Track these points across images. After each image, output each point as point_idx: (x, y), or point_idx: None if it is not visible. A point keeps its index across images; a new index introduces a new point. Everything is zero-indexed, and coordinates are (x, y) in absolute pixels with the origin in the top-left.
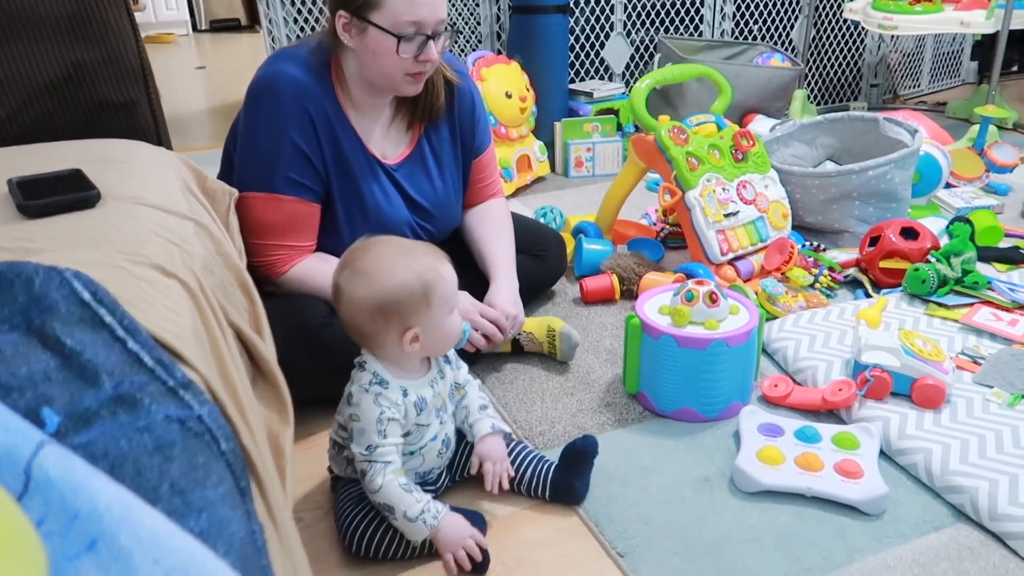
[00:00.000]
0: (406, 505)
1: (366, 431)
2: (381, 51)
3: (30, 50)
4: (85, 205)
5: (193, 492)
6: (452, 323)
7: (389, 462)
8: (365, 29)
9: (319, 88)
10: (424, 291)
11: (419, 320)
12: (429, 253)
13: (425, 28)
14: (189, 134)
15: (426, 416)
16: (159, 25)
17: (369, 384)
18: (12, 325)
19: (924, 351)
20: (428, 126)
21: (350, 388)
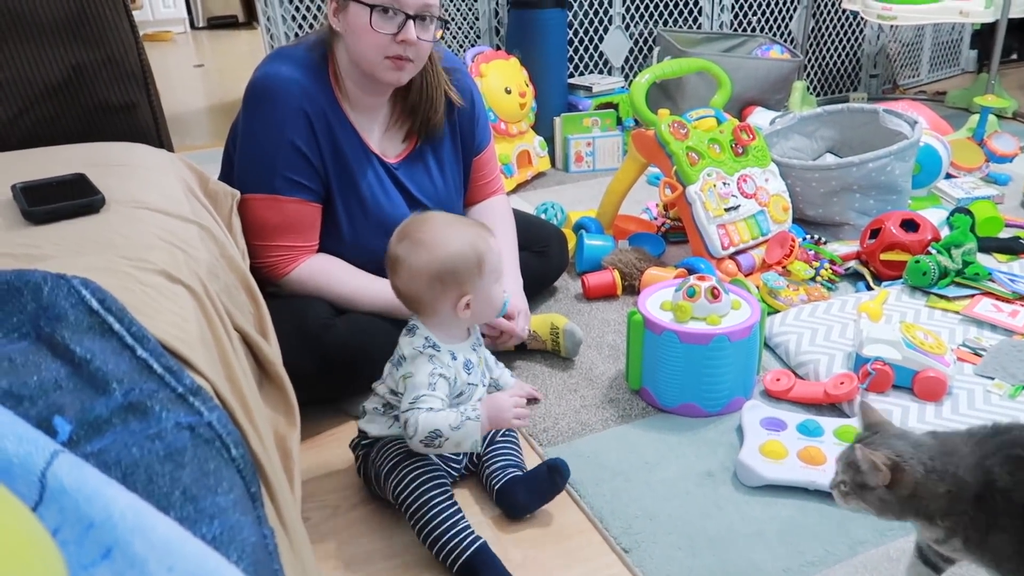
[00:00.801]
0: (446, 419)
1: (418, 384)
2: (359, 27)
3: (30, 53)
4: (90, 210)
5: (205, 499)
6: (498, 292)
7: (432, 408)
8: (347, 6)
9: (316, 87)
10: (477, 259)
11: (472, 287)
12: (477, 225)
13: (405, 7)
14: (188, 133)
15: (475, 376)
16: (156, 23)
17: (423, 347)
18: (22, 334)
19: (925, 344)
20: (428, 133)
21: (402, 351)
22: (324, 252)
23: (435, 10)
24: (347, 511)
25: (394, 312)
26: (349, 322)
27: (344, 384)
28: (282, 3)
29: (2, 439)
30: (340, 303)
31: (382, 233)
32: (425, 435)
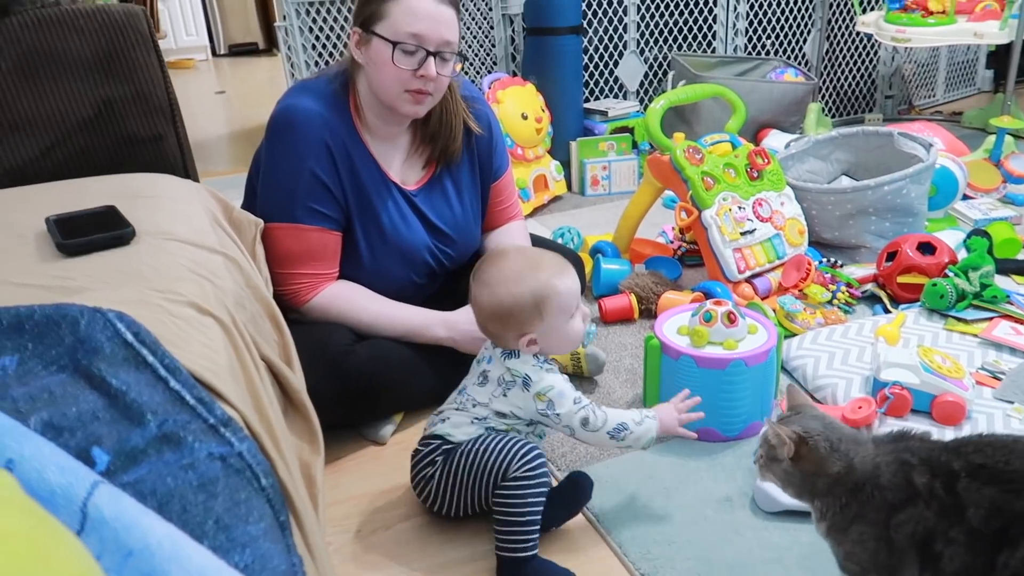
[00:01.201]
0: (632, 416)
1: (564, 392)
2: (381, 61)
3: (63, 89)
4: (120, 242)
5: (236, 528)
6: (571, 328)
7: (591, 403)
8: (370, 40)
9: (336, 118)
10: (536, 304)
11: (533, 328)
12: (548, 267)
13: (426, 43)
14: (210, 159)
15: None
16: (179, 51)
17: (541, 363)
18: (60, 366)
19: (943, 368)
20: (447, 161)
21: (523, 371)
22: (344, 278)
23: (454, 46)
24: (367, 536)
25: (415, 337)
26: (370, 348)
27: (364, 409)
28: (302, 32)
29: (45, 470)
30: (361, 329)
31: (401, 259)
32: (613, 427)
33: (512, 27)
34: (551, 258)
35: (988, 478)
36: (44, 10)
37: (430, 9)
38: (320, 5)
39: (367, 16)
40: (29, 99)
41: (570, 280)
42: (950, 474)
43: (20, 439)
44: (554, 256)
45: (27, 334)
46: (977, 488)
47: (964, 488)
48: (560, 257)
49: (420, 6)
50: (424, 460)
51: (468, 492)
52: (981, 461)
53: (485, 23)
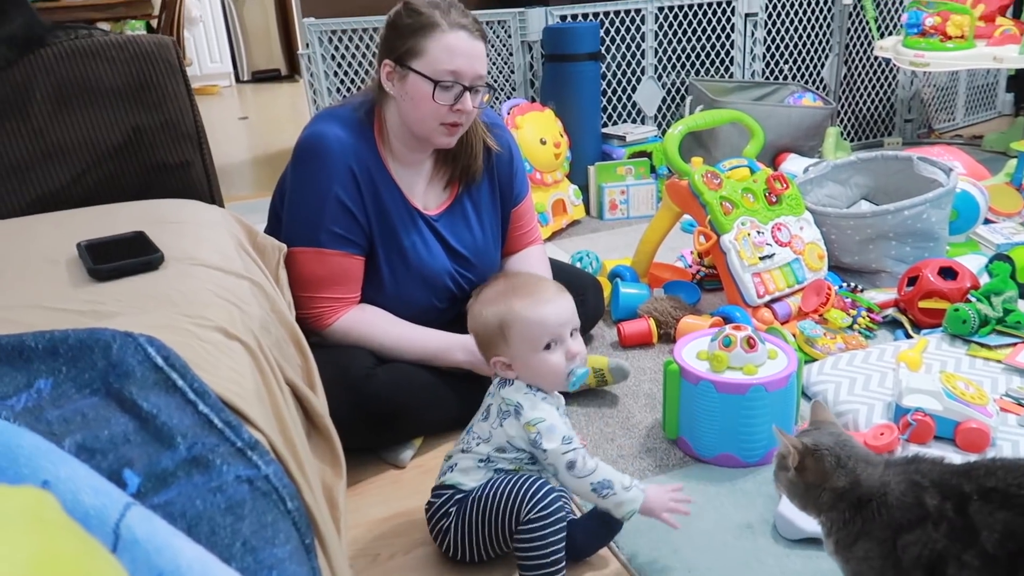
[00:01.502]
0: (622, 477)
1: (555, 426)
2: (419, 97)
3: (94, 117)
4: (149, 268)
5: (264, 550)
6: (543, 361)
7: (584, 447)
8: (406, 76)
9: (361, 144)
10: (500, 328)
11: (502, 352)
12: (525, 294)
13: (462, 79)
14: (233, 184)
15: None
16: (204, 77)
17: (532, 392)
18: (93, 390)
19: (967, 394)
20: (467, 181)
21: (515, 400)
22: (366, 302)
23: (485, 78)
24: (387, 559)
25: (435, 360)
26: (390, 372)
27: (385, 433)
28: (324, 60)
29: (80, 491)
30: (382, 352)
31: (422, 284)
32: (599, 480)
33: (531, 54)
34: (538, 286)
35: (1001, 501)
36: (77, 41)
37: (466, 46)
38: (342, 33)
39: (403, 51)
40: (62, 127)
41: (546, 310)
42: (961, 496)
43: (56, 461)
44: (546, 286)
45: (61, 358)
46: (990, 511)
47: (976, 511)
48: (556, 289)
49: (457, 43)
50: (439, 512)
51: (486, 540)
52: (993, 484)
53: (504, 50)
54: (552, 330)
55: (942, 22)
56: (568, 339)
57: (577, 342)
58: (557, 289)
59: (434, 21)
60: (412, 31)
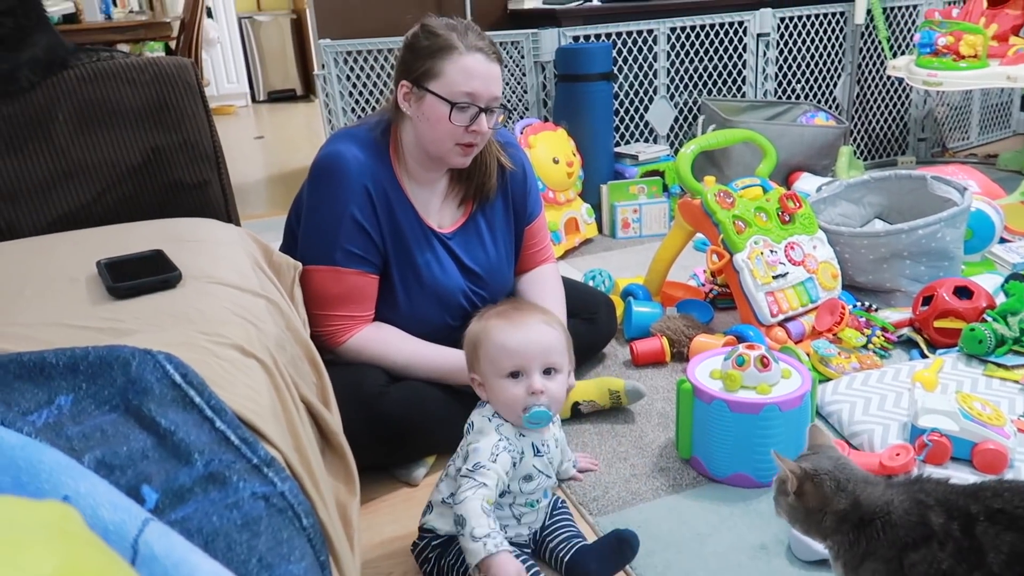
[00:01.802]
0: (477, 524)
1: (481, 451)
2: (435, 118)
3: (114, 138)
4: (167, 286)
5: (279, 567)
6: (502, 389)
7: (485, 484)
8: (423, 97)
9: (376, 164)
10: (475, 345)
11: (476, 369)
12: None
13: (478, 100)
14: (249, 203)
15: (544, 463)
16: (221, 98)
17: (492, 416)
18: (112, 406)
19: (983, 415)
20: (481, 199)
21: (472, 420)
22: (380, 320)
23: (500, 99)
24: None
25: (447, 378)
26: (403, 390)
27: (397, 450)
28: (340, 80)
29: (99, 507)
30: (395, 370)
31: (435, 302)
32: (458, 514)
33: (544, 74)
34: (524, 314)
35: (1008, 523)
36: (99, 63)
37: (482, 68)
38: (357, 54)
39: (420, 73)
40: (83, 147)
41: (515, 337)
42: (968, 517)
43: (76, 476)
44: (533, 317)
45: (81, 375)
46: (997, 533)
47: (983, 532)
48: (541, 322)
49: (474, 66)
50: (421, 555)
51: None
52: (1000, 506)
53: (517, 70)
54: (515, 359)
55: (955, 42)
56: (534, 374)
57: (550, 381)
58: (544, 323)
59: (452, 44)
60: (430, 53)
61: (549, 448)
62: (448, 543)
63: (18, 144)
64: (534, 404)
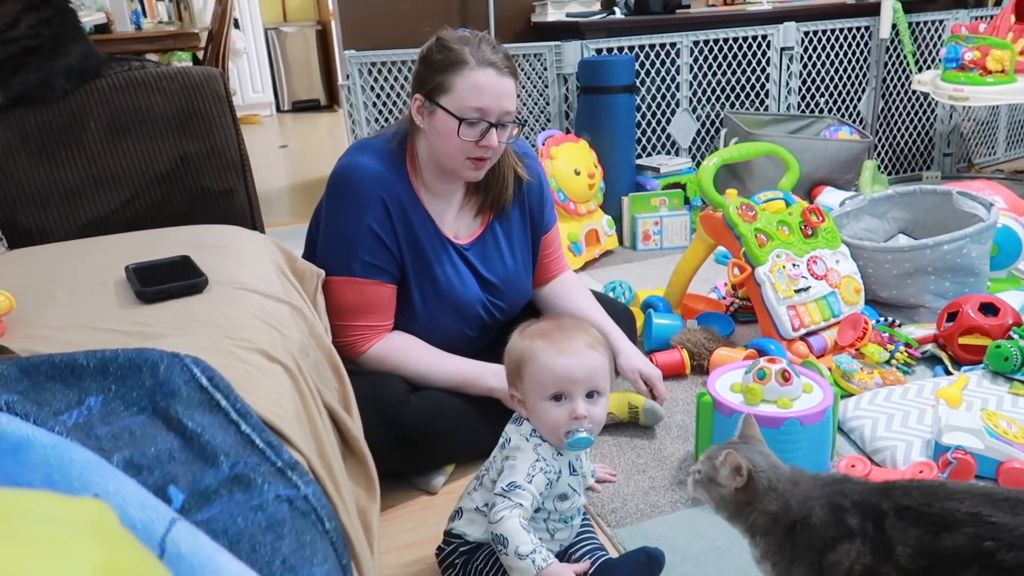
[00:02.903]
0: (520, 541)
1: (517, 469)
2: (445, 132)
3: (144, 146)
4: (194, 291)
5: (302, 569)
6: (545, 411)
7: (521, 504)
8: (434, 111)
9: (393, 175)
10: (518, 364)
11: (518, 388)
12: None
13: (488, 116)
14: (272, 211)
15: (578, 482)
16: (246, 107)
17: (531, 435)
18: (140, 408)
19: (1009, 432)
20: (498, 210)
21: (509, 436)
22: (399, 331)
23: (513, 114)
24: None
25: (468, 386)
26: (424, 399)
27: (417, 459)
28: (364, 91)
29: (127, 505)
30: (415, 379)
31: (454, 313)
32: (499, 533)
33: (566, 86)
34: (570, 336)
35: (913, 519)
36: (131, 72)
37: (493, 83)
38: (382, 65)
39: (432, 87)
40: (114, 155)
41: (560, 361)
42: (879, 514)
43: (105, 475)
44: (578, 339)
45: (111, 376)
46: (903, 528)
47: (891, 527)
48: (586, 345)
49: (484, 81)
50: (446, 561)
51: None
52: (907, 503)
53: (540, 82)
54: (560, 383)
55: (982, 56)
56: (578, 398)
57: (593, 406)
58: (588, 345)
59: (463, 58)
60: (442, 67)
61: (583, 464)
62: (475, 549)
63: (51, 150)
64: (577, 429)
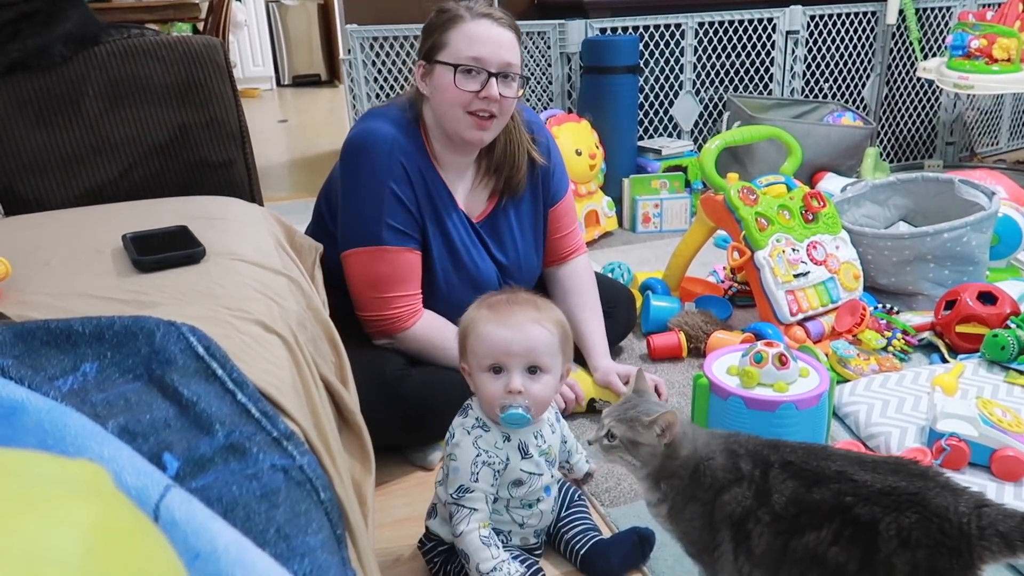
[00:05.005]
0: (480, 559)
1: (460, 471)
2: (443, 85)
3: (143, 115)
4: (191, 261)
5: (296, 538)
6: (482, 383)
7: (476, 509)
8: (432, 69)
9: (410, 143)
10: (463, 333)
11: (465, 359)
12: (495, 309)
13: (487, 65)
14: (271, 185)
15: (534, 464)
16: (246, 81)
17: (472, 427)
18: (136, 375)
19: (1004, 421)
20: (511, 193)
21: (453, 430)
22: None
23: (517, 68)
24: (409, 560)
25: None
26: (424, 372)
27: (415, 433)
28: (365, 65)
29: (122, 471)
30: (445, 360)
31: (471, 288)
32: (461, 547)
33: (569, 65)
34: (515, 309)
35: (793, 472)
36: (130, 40)
37: (489, 32)
38: (384, 41)
39: (429, 48)
40: (112, 123)
41: (498, 332)
42: (766, 463)
43: (100, 441)
44: (523, 312)
45: (107, 343)
46: (783, 479)
47: (774, 477)
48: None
49: (478, 30)
50: (427, 556)
51: None
52: (791, 459)
53: (543, 60)
54: (495, 354)
55: (988, 45)
56: (515, 373)
57: (534, 382)
58: (533, 320)
59: (458, 15)
60: (438, 27)
61: (542, 445)
62: (452, 550)
63: (49, 117)
64: (511, 404)
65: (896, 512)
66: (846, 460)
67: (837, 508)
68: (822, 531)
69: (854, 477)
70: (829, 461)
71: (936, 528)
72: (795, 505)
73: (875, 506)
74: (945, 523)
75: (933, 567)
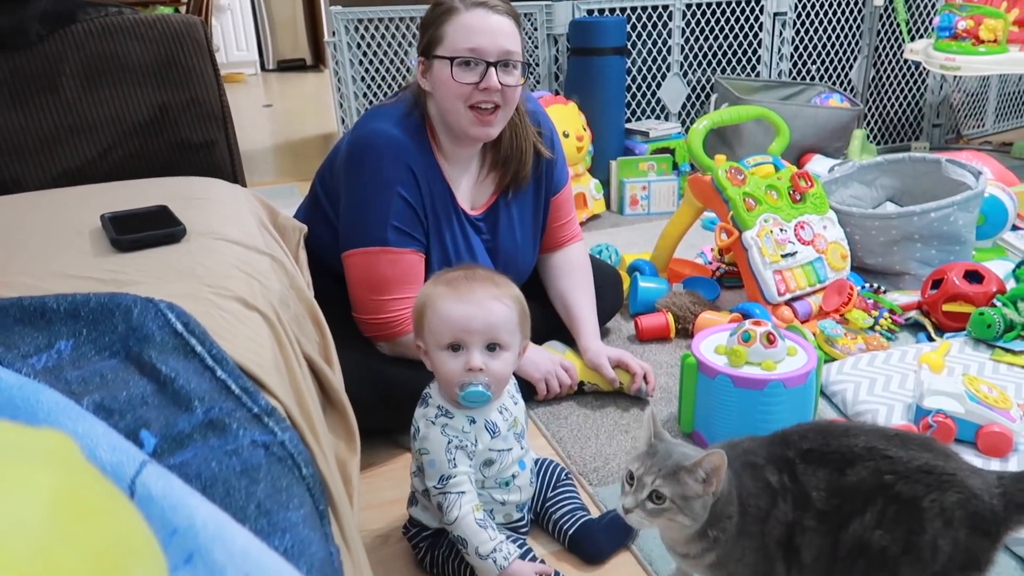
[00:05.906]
0: (479, 541)
1: (436, 462)
2: (443, 79)
3: (121, 94)
4: (172, 240)
5: (277, 513)
6: (440, 361)
7: (463, 492)
8: (431, 64)
9: (414, 144)
10: (420, 311)
11: (421, 337)
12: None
13: (485, 55)
14: (256, 170)
15: (503, 440)
16: (230, 65)
17: (436, 416)
18: (112, 352)
19: (990, 397)
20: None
21: (417, 423)
22: None
23: (517, 55)
24: (396, 542)
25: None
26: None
27: (404, 414)
28: (350, 48)
29: (97, 447)
30: None
31: None
32: (457, 534)
33: (556, 47)
34: (472, 285)
35: (818, 460)
36: (107, 18)
37: (485, 21)
38: (368, 23)
39: (427, 43)
40: (90, 103)
41: (455, 309)
42: (789, 463)
43: (74, 416)
44: (481, 288)
45: (82, 320)
46: (812, 471)
47: (802, 473)
48: (490, 296)
49: (474, 20)
50: (413, 540)
51: None
52: (808, 446)
53: (530, 42)
54: (455, 332)
55: (975, 26)
56: (474, 350)
57: (493, 360)
58: (493, 297)
59: (452, 6)
60: (433, 21)
61: (508, 419)
62: (437, 534)
63: (25, 97)
64: (471, 382)
65: (939, 491)
66: (867, 434)
67: (878, 488)
68: (866, 515)
69: (887, 452)
70: (850, 438)
71: (974, 509)
72: (836, 495)
73: (917, 484)
74: (980, 504)
75: (970, 547)
